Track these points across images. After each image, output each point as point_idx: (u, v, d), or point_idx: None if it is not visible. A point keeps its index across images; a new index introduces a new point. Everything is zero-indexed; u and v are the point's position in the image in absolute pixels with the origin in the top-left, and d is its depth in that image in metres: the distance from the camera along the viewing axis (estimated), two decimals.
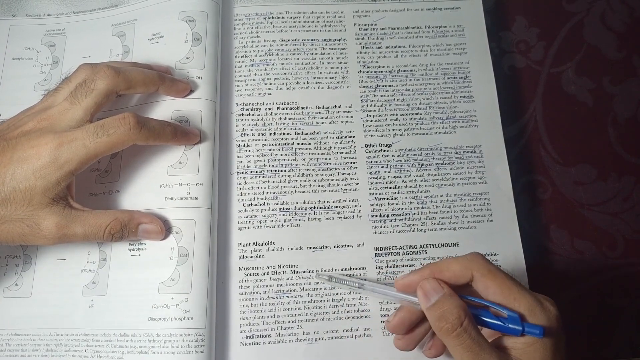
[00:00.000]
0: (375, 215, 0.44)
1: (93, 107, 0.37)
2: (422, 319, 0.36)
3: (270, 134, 0.46)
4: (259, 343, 0.40)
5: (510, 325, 0.32)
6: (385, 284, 0.38)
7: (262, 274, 0.42)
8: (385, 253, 0.43)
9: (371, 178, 0.45)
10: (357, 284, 0.39)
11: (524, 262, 0.43)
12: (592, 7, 0.53)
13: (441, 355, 0.37)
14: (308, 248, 0.43)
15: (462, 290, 0.34)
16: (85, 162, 0.36)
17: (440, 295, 0.33)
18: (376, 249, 0.43)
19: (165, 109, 0.43)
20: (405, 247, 0.43)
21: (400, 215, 0.44)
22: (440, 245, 0.43)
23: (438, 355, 0.37)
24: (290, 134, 0.46)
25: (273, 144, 0.45)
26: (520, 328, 0.31)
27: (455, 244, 0.43)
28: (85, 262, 0.41)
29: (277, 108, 0.46)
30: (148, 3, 0.47)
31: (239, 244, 0.43)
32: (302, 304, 0.41)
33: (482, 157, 0.46)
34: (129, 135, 0.37)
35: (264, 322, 0.41)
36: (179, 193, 0.41)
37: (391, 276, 0.42)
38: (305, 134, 0.46)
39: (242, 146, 0.45)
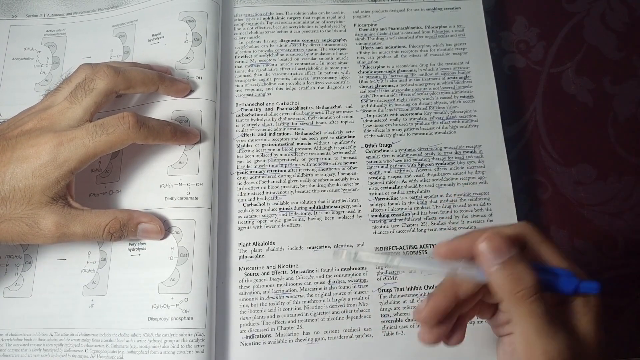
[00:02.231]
0: (375, 215, 0.44)
1: (93, 106, 0.38)
2: (457, 306, 0.31)
3: (270, 134, 0.46)
4: (259, 343, 0.40)
5: (565, 279, 0.30)
6: (419, 257, 0.34)
7: (262, 274, 0.42)
8: (385, 253, 0.43)
9: (371, 178, 0.45)
10: (386, 260, 0.32)
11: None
12: (592, 7, 0.53)
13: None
14: (308, 248, 0.43)
15: None
16: (85, 161, 0.36)
17: (509, 256, 0.29)
18: (376, 248, 0.43)
19: (165, 108, 0.43)
20: (405, 247, 0.43)
21: (400, 215, 0.44)
22: None
23: (460, 342, 0.33)
24: (290, 134, 0.46)
25: (273, 144, 0.45)
26: (576, 282, 0.29)
27: None
28: (85, 262, 0.41)
29: (278, 108, 0.46)
30: (148, 4, 0.48)
31: (239, 244, 0.43)
32: (302, 304, 0.41)
33: (482, 157, 0.46)
34: (128, 134, 0.37)
35: (264, 322, 0.41)
36: (179, 193, 0.41)
37: (391, 276, 0.42)
38: (306, 134, 0.46)
39: (242, 146, 0.45)
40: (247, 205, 0.43)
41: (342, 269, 0.42)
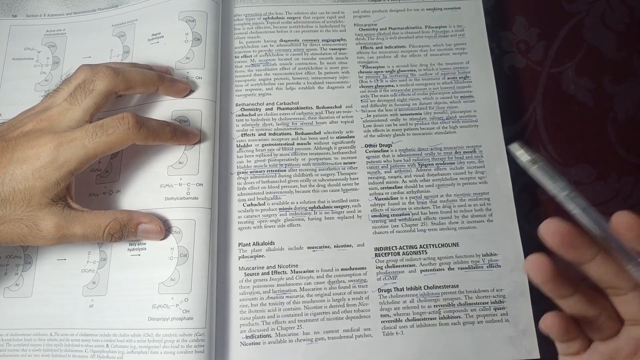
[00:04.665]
0: (375, 215, 0.44)
1: (92, 107, 0.37)
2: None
3: (270, 134, 0.46)
4: (259, 343, 0.40)
5: None
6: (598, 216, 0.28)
7: (262, 274, 0.42)
8: (385, 253, 0.43)
9: (371, 178, 0.45)
10: (567, 192, 0.28)
11: (524, 262, 0.43)
12: (592, 7, 0.53)
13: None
14: (308, 248, 0.43)
15: None
16: (85, 162, 0.36)
17: None
18: (376, 249, 0.43)
19: (165, 109, 0.43)
20: (405, 247, 0.43)
21: (400, 215, 0.44)
22: (440, 245, 0.43)
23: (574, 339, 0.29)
24: (290, 134, 0.46)
25: (273, 144, 0.45)
26: None
27: (455, 244, 0.43)
28: (85, 262, 0.41)
29: (277, 108, 0.46)
30: (148, 3, 0.48)
31: (239, 244, 0.43)
32: (302, 304, 0.41)
33: (482, 157, 0.46)
34: (128, 135, 0.37)
35: (264, 322, 0.41)
36: (179, 193, 0.41)
37: (391, 276, 0.42)
38: (306, 134, 0.46)
39: (242, 146, 0.45)
40: (247, 205, 0.44)
41: (342, 269, 0.42)
